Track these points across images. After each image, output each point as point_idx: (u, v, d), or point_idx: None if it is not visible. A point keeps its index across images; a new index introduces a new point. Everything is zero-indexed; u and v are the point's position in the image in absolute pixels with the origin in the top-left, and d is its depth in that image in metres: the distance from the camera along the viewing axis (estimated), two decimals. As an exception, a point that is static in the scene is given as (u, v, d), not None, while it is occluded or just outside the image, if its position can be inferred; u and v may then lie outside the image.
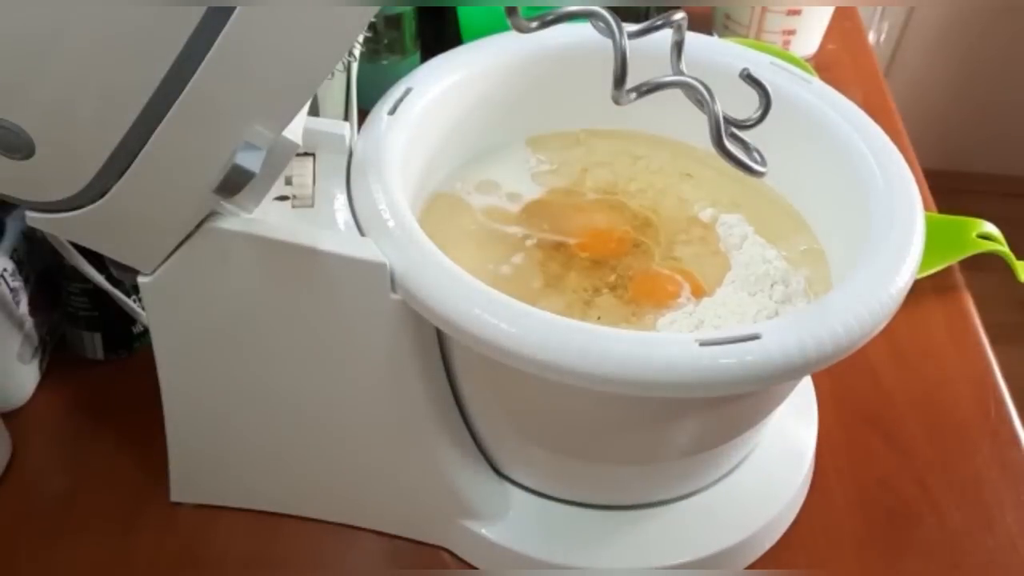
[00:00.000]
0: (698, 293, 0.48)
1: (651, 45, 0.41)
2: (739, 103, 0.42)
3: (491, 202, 0.52)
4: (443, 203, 0.52)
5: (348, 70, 0.47)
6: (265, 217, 0.43)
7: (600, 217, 0.52)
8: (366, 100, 0.48)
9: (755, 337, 0.39)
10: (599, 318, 0.46)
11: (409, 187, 0.47)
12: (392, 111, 0.48)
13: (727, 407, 0.45)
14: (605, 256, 0.49)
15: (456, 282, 0.41)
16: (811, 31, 0.83)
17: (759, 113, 0.42)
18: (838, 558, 0.52)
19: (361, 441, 0.49)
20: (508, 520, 0.49)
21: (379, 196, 0.44)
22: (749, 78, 0.41)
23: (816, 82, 0.51)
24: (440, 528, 0.50)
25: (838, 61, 0.88)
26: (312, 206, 0.45)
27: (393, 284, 0.42)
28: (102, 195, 0.40)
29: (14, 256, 0.55)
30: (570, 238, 0.50)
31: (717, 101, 0.39)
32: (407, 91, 0.49)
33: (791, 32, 0.81)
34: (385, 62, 0.73)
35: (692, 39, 0.43)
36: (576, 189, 0.53)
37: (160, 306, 0.45)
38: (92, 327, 0.58)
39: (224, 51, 0.36)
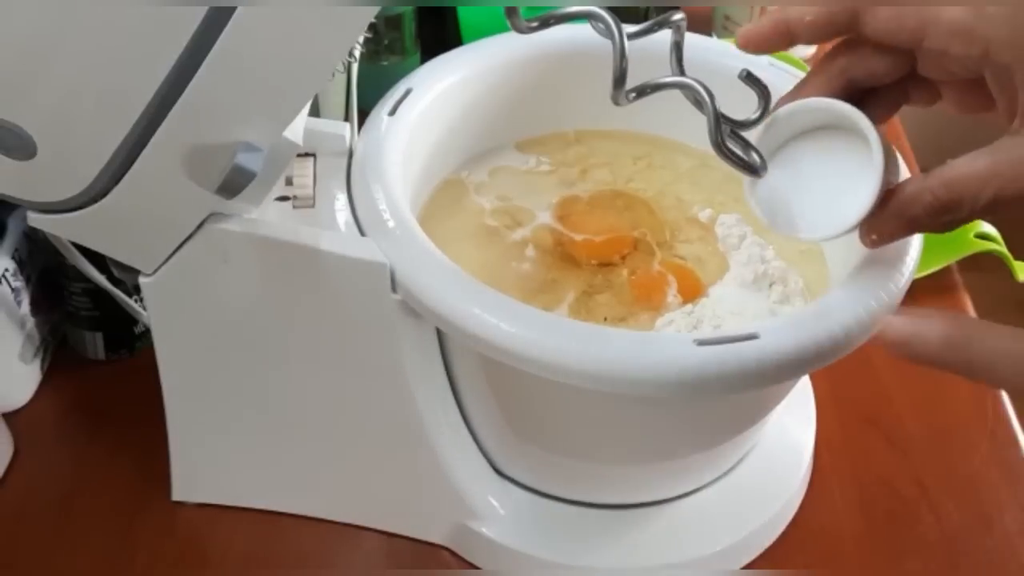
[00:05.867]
0: (697, 292, 0.48)
1: (651, 45, 0.41)
2: (738, 103, 0.42)
3: (491, 201, 0.52)
4: (444, 201, 0.52)
5: (348, 70, 0.47)
6: (266, 217, 0.43)
7: (606, 215, 0.52)
8: (366, 100, 0.49)
9: (753, 337, 0.39)
10: (605, 319, 0.46)
11: (409, 188, 0.47)
12: (392, 112, 0.48)
13: (725, 407, 0.45)
14: (608, 256, 0.49)
15: (456, 282, 0.41)
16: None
17: (759, 113, 0.42)
18: (836, 557, 0.52)
19: (361, 441, 0.49)
20: (508, 520, 0.50)
21: (379, 196, 0.44)
22: (749, 78, 0.41)
23: (815, 83, 0.51)
24: (440, 528, 0.51)
25: (838, 62, 0.88)
26: (313, 206, 0.45)
27: (393, 284, 0.42)
28: (103, 195, 0.40)
29: (15, 256, 0.55)
30: (572, 236, 0.50)
31: (716, 101, 0.40)
32: (407, 92, 0.49)
33: (790, 33, 0.81)
34: (385, 63, 0.73)
35: (691, 39, 0.43)
36: (577, 190, 0.53)
37: (161, 306, 0.45)
38: (93, 327, 0.58)
39: (224, 52, 0.36)
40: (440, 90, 0.50)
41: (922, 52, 0.38)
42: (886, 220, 0.38)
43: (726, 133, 0.40)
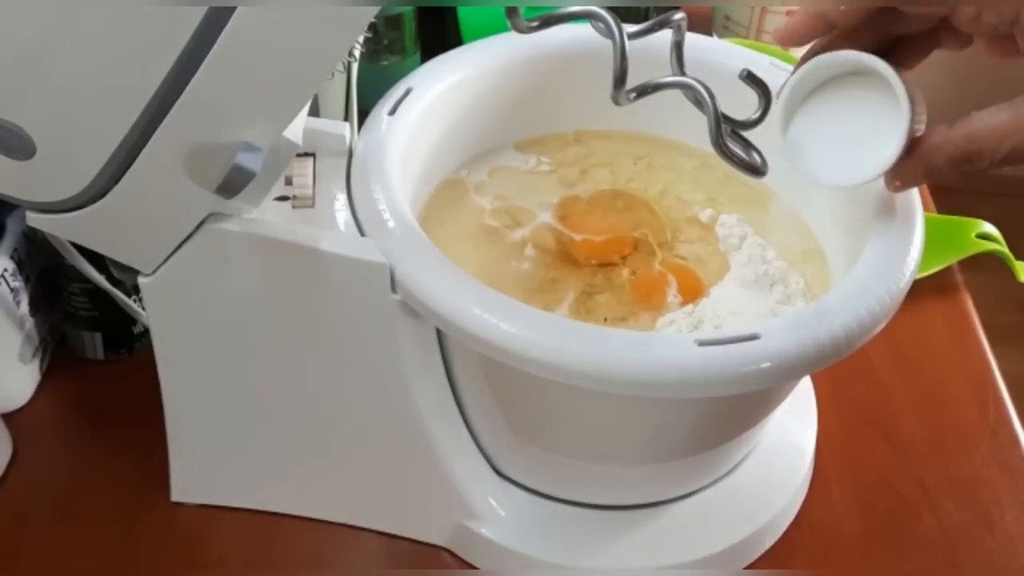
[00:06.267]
0: (698, 292, 0.48)
1: (651, 45, 0.41)
2: (739, 103, 0.42)
3: (491, 202, 0.52)
4: (445, 201, 0.52)
5: (348, 70, 0.47)
6: (265, 217, 0.43)
7: (606, 216, 0.52)
8: (366, 100, 0.49)
9: (754, 337, 0.39)
10: (605, 319, 0.46)
11: (409, 188, 0.47)
12: (392, 111, 0.48)
13: (726, 407, 0.45)
14: (608, 256, 0.49)
15: (456, 282, 0.41)
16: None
17: (759, 113, 0.42)
18: (837, 558, 0.52)
19: (361, 441, 0.49)
20: (508, 520, 0.50)
21: (379, 196, 0.44)
22: (750, 78, 0.41)
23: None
24: (440, 528, 0.51)
25: (838, 61, 0.88)
26: (312, 206, 0.45)
27: (393, 284, 0.42)
28: (103, 195, 0.40)
29: (15, 256, 0.55)
30: (572, 236, 0.50)
31: (717, 101, 0.40)
32: (407, 91, 0.49)
33: (791, 32, 0.81)
34: (385, 63, 0.73)
35: (692, 39, 0.43)
36: (577, 190, 0.53)
37: (161, 306, 0.45)
38: (92, 327, 0.58)
39: (224, 51, 0.36)
40: (440, 90, 0.50)
41: (955, 13, 0.39)
42: (910, 168, 0.40)
43: (727, 133, 0.40)
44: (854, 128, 0.42)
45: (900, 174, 0.41)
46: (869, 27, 0.41)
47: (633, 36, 0.41)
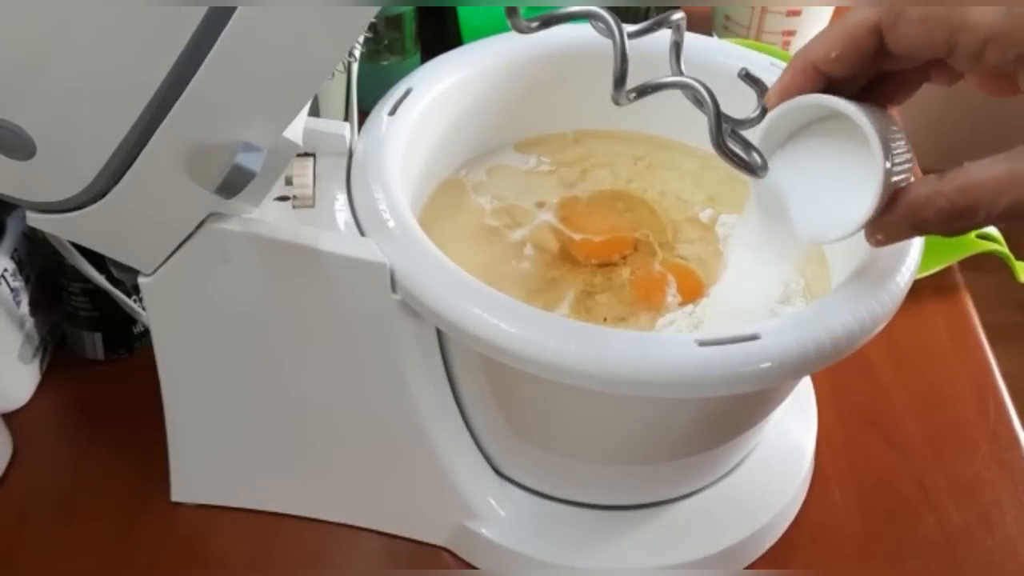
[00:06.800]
0: (698, 292, 0.48)
1: (651, 45, 0.41)
2: (739, 103, 0.42)
3: (491, 202, 0.52)
4: (445, 201, 0.52)
5: (348, 70, 0.47)
6: (265, 217, 0.43)
7: (607, 217, 0.52)
8: (366, 100, 0.49)
9: (754, 337, 0.39)
10: (605, 319, 0.46)
11: (409, 188, 0.47)
12: (392, 112, 0.48)
13: (726, 407, 0.45)
14: (608, 256, 0.49)
15: (456, 282, 0.41)
16: (811, 32, 0.83)
17: (758, 113, 0.42)
18: (837, 558, 0.52)
19: (361, 441, 0.49)
20: (508, 520, 0.50)
21: (379, 196, 0.44)
22: (748, 77, 0.41)
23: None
24: (440, 528, 0.51)
25: (838, 61, 0.88)
26: (313, 206, 0.45)
27: (393, 284, 0.42)
28: (103, 195, 0.40)
29: (15, 256, 0.55)
30: (571, 235, 0.50)
31: (716, 101, 0.40)
32: (407, 92, 0.49)
33: (791, 33, 0.81)
34: (385, 63, 0.73)
35: (691, 39, 0.43)
36: (577, 190, 0.53)
37: (161, 306, 0.45)
38: (93, 327, 0.58)
39: (224, 52, 0.36)
40: (440, 90, 0.50)
41: (952, 53, 0.37)
42: (895, 222, 0.37)
43: (727, 133, 0.40)
44: (833, 177, 0.39)
45: (883, 228, 0.37)
46: (861, 74, 0.38)
47: (633, 36, 0.41)
